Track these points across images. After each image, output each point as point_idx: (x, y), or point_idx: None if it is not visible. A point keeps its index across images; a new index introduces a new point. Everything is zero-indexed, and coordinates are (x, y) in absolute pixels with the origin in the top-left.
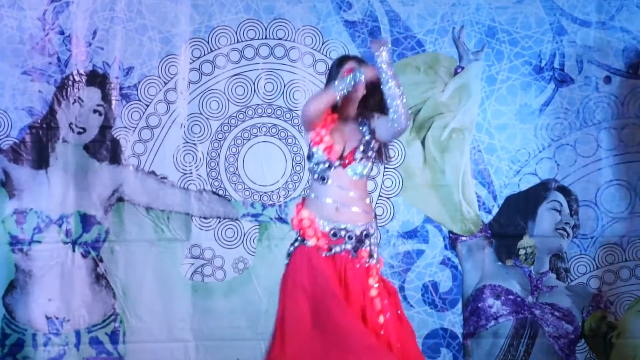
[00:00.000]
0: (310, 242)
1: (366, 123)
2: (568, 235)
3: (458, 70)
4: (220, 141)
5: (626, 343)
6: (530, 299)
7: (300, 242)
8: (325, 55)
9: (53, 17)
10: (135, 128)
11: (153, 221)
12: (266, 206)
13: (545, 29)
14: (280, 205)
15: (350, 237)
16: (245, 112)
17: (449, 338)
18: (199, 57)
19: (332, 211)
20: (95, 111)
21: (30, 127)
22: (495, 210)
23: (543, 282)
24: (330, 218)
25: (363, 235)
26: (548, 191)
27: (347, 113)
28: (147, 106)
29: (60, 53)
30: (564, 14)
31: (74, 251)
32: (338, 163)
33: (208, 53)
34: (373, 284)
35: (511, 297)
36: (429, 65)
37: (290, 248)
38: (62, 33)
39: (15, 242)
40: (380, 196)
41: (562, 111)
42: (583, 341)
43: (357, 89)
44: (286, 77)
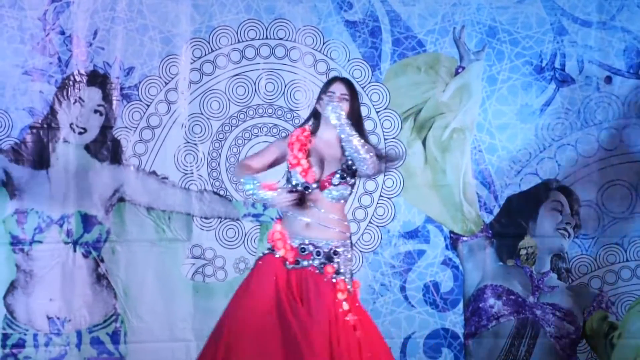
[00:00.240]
0: (278, 253)
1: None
2: (569, 235)
3: (459, 70)
4: (221, 141)
5: (627, 343)
6: (531, 299)
7: (270, 250)
8: (326, 55)
9: (54, 17)
10: (136, 128)
11: (154, 221)
12: (267, 206)
13: (546, 29)
14: None
15: (318, 253)
16: (246, 112)
17: (450, 338)
18: (200, 57)
19: (303, 227)
20: (96, 111)
21: (31, 127)
22: (496, 210)
23: (544, 282)
24: (300, 234)
25: (332, 252)
26: (549, 191)
27: (326, 133)
28: (148, 106)
29: (61, 53)
30: (565, 14)
31: (75, 251)
32: (315, 186)
33: (209, 53)
34: (342, 299)
35: (512, 297)
36: (430, 65)
37: (259, 254)
38: (63, 33)
39: (16, 242)
40: (381, 196)
41: (563, 111)
42: (584, 341)
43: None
44: (287, 77)
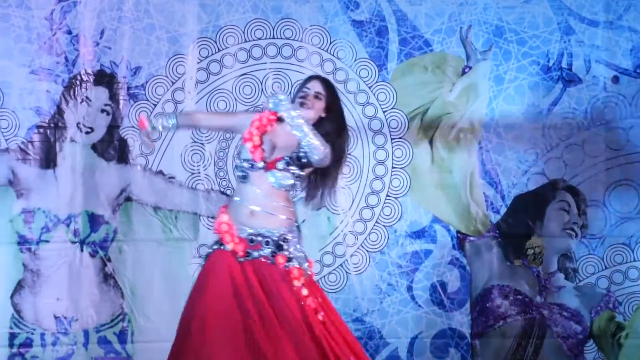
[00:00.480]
0: (228, 247)
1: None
2: (576, 235)
3: (466, 70)
4: (227, 141)
5: (635, 343)
6: (538, 299)
7: (219, 246)
8: (332, 54)
9: (61, 17)
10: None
11: (161, 221)
12: None
13: (553, 29)
14: None
15: (267, 243)
16: (252, 112)
17: (457, 338)
18: (207, 57)
19: (248, 215)
20: (102, 111)
21: (37, 127)
22: (503, 210)
23: (551, 282)
24: (246, 223)
25: (281, 240)
26: (556, 191)
27: (289, 127)
28: (155, 106)
29: (67, 53)
30: (572, 14)
31: (82, 251)
32: (261, 165)
33: (216, 53)
34: (299, 286)
35: (519, 297)
36: (437, 64)
37: (208, 250)
38: (70, 33)
39: (23, 242)
40: (388, 196)
41: (570, 111)
42: (591, 341)
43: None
44: (294, 77)
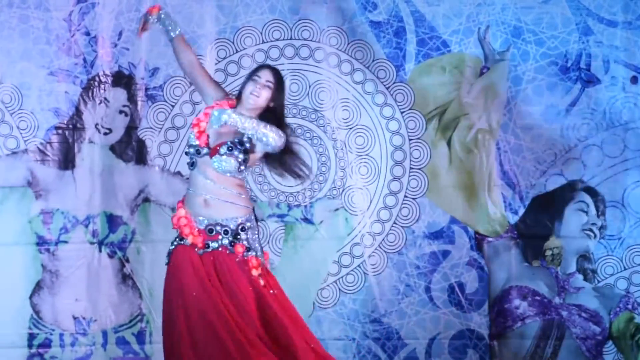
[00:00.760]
0: (187, 241)
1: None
2: (595, 236)
3: (484, 70)
4: None
5: None
6: (557, 300)
7: (178, 241)
8: (350, 55)
9: (79, 18)
10: (161, 129)
11: None
12: (292, 207)
13: (571, 29)
14: (306, 205)
15: (226, 232)
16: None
17: (476, 339)
18: (224, 58)
19: (202, 204)
20: (121, 112)
21: (56, 128)
22: (521, 211)
23: (570, 283)
24: (202, 214)
25: (239, 229)
26: (575, 192)
27: (241, 110)
28: (173, 107)
29: (86, 54)
30: (590, 14)
31: (101, 251)
32: (206, 151)
33: (233, 54)
34: (256, 275)
35: (538, 298)
36: (455, 65)
37: (170, 247)
38: (88, 34)
39: (42, 242)
40: (406, 197)
41: (589, 111)
42: (610, 342)
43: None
44: (311, 78)
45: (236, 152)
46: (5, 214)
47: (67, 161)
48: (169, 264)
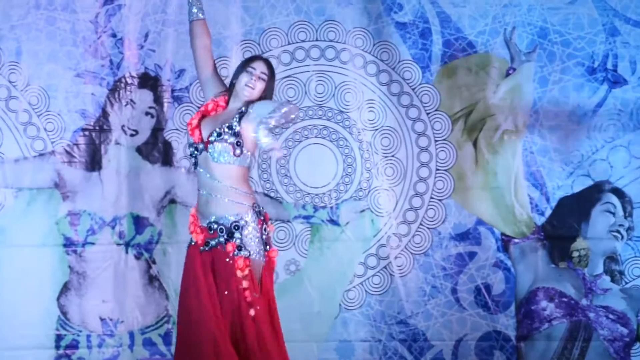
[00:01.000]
0: (194, 240)
1: (243, 113)
2: (622, 237)
3: (510, 71)
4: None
5: None
6: (584, 302)
7: (190, 241)
8: (376, 57)
9: (105, 20)
10: (187, 130)
11: None
12: (318, 208)
13: (598, 30)
14: (331, 207)
15: (222, 230)
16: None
17: (502, 341)
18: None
19: (205, 202)
20: (147, 113)
21: (83, 130)
22: (548, 212)
23: (597, 285)
24: (204, 211)
25: (233, 227)
26: (601, 193)
27: (233, 104)
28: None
29: (112, 56)
30: (617, 15)
31: (127, 253)
32: (202, 147)
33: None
34: (240, 277)
35: (565, 300)
36: (481, 66)
37: (187, 247)
38: (115, 36)
39: (69, 244)
40: (432, 198)
41: (616, 112)
42: (638, 344)
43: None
44: (337, 79)
45: (226, 137)
46: (32, 216)
47: (94, 163)
48: (184, 264)
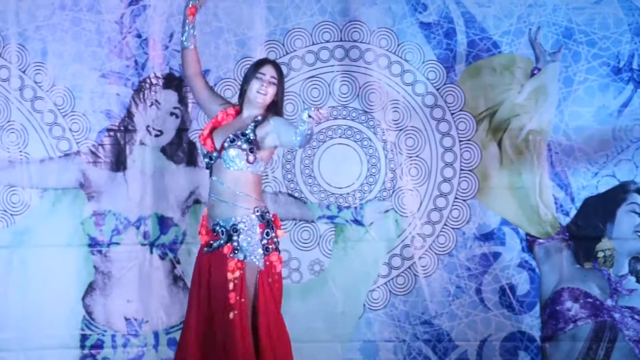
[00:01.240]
0: (201, 242)
1: (258, 122)
2: None
3: (535, 71)
4: None
5: None
6: (609, 302)
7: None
8: (400, 57)
9: (130, 21)
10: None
11: None
12: (342, 208)
13: (623, 30)
14: (356, 207)
15: (223, 232)
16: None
17: (527, 341)
18: (275, 60)
19: (212, 206)
20: (172, 114)
21: (108, 130)
22: (573, 212)
23: (622, 285)
24: (211, 214)
25: (232, 230)
26: (627, 193)
27: (247, 112)
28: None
29: (137, 56)
30: None
31: (152, 253)
32: (216, 154)
33: (283, 55)
34: (231, 279)
35: (590, 300)
36: (505, 66)
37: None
38: (140, 36)
39: (94, 244)
40: (456, 198)
41: None
42: None
43: None
44: (361, 79)
45: (239, 142)
46: (57, 216)
47: (119, 163)
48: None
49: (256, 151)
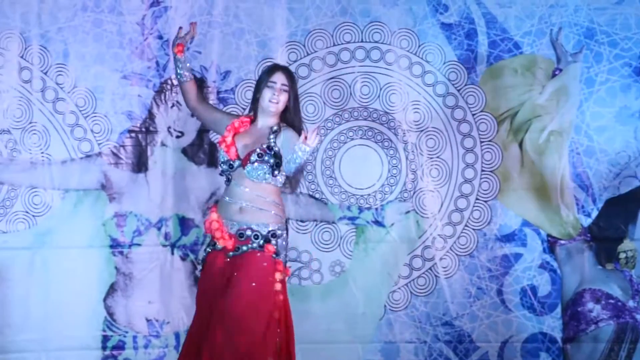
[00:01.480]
0: (219, 245)
1: (277, 132)
2: None
3: (556, 72)
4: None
5: None
6: (631, 304)
7: (211, 247)
8: (421, 58)
9: (152, 22)
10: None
11: None
12: (363, 209)
13: None
14: (376, 208)
15: (256, 237)
16: (341, 115)
17: (549, 342)
18: (295, 61)
19: (237, 211)
20: (193, 115)
21: (129, 131)
22: (594, 213)
23: None
24: (235, 219)
25: (270, 235)
26: None
27: (262, 120)
28: (244, 110)
29: (158, 57)
30: None
31: (173, 254)
32: (238, 163)
33: (304, 56)
34: (278, 279)
35: (611, 302)
36: (527, 67)
37: (202, 253)
38: (161, 38)
39: (115, 245)
40: (477, 199)
41: None
42: None
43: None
44: (382, 80)
45: (266, 157)
46: (79, 217)
47: (140, 164)
48: (202, 270)
49: (281, 165)
